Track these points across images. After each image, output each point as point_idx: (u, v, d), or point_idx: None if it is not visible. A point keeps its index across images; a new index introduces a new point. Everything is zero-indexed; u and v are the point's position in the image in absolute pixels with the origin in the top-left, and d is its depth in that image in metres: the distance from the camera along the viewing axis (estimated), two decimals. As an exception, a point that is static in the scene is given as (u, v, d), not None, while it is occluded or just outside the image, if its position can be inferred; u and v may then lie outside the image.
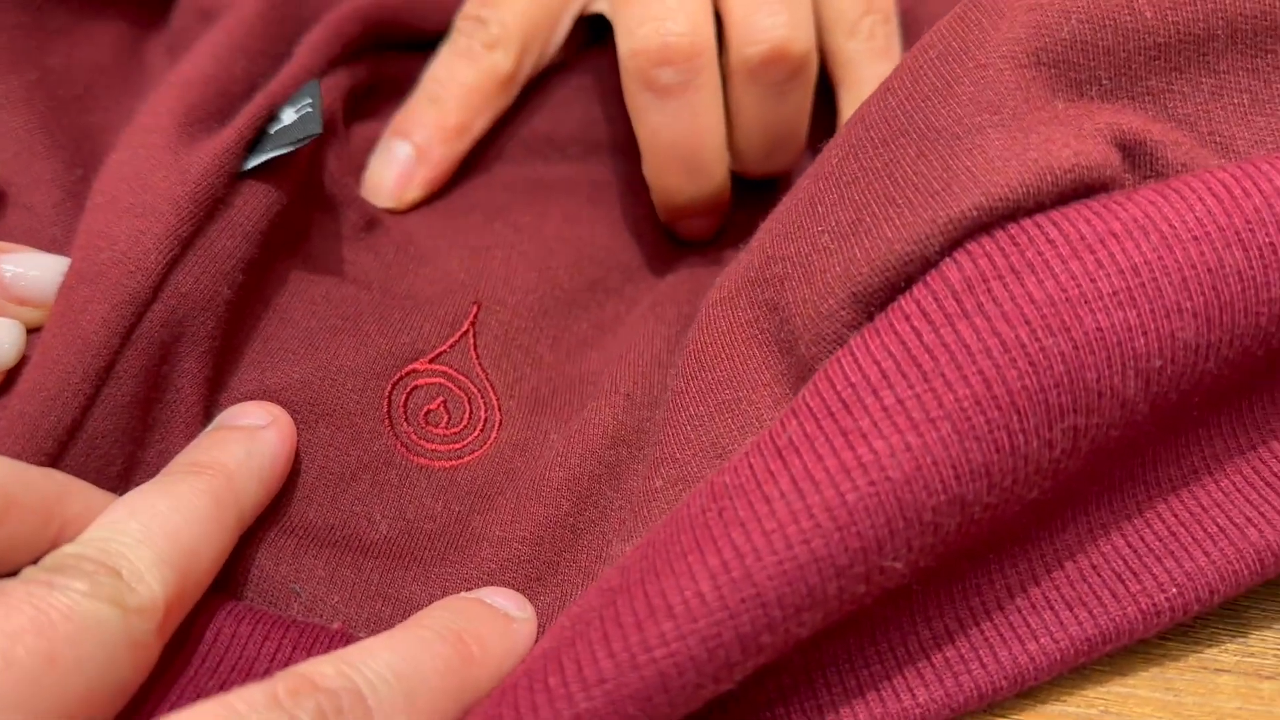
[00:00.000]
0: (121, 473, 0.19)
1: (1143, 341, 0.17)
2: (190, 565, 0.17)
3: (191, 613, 0.18)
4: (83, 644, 0.15)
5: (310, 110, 0.23)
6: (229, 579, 0.20)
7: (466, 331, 0.23)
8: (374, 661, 0.16)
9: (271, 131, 0.23)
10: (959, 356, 0.16)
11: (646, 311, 0.25)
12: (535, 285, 0.25)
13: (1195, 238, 0.17)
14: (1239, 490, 0.19)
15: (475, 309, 0.24)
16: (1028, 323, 0.16)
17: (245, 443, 0.20)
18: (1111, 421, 0.17)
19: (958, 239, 0.17)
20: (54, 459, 0.19)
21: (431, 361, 0.23)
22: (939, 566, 0.18)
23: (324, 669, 0.16)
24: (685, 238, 0.28)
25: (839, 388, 0.17)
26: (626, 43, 0.25)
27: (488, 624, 0.18)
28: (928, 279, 0.17)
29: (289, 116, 0.23)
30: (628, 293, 0.26)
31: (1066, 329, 0.16)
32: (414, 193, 0.26)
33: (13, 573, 0.16)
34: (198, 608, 0.18)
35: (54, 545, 0.17)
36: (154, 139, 0.21)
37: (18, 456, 0.18)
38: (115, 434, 0.19)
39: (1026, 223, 0.17)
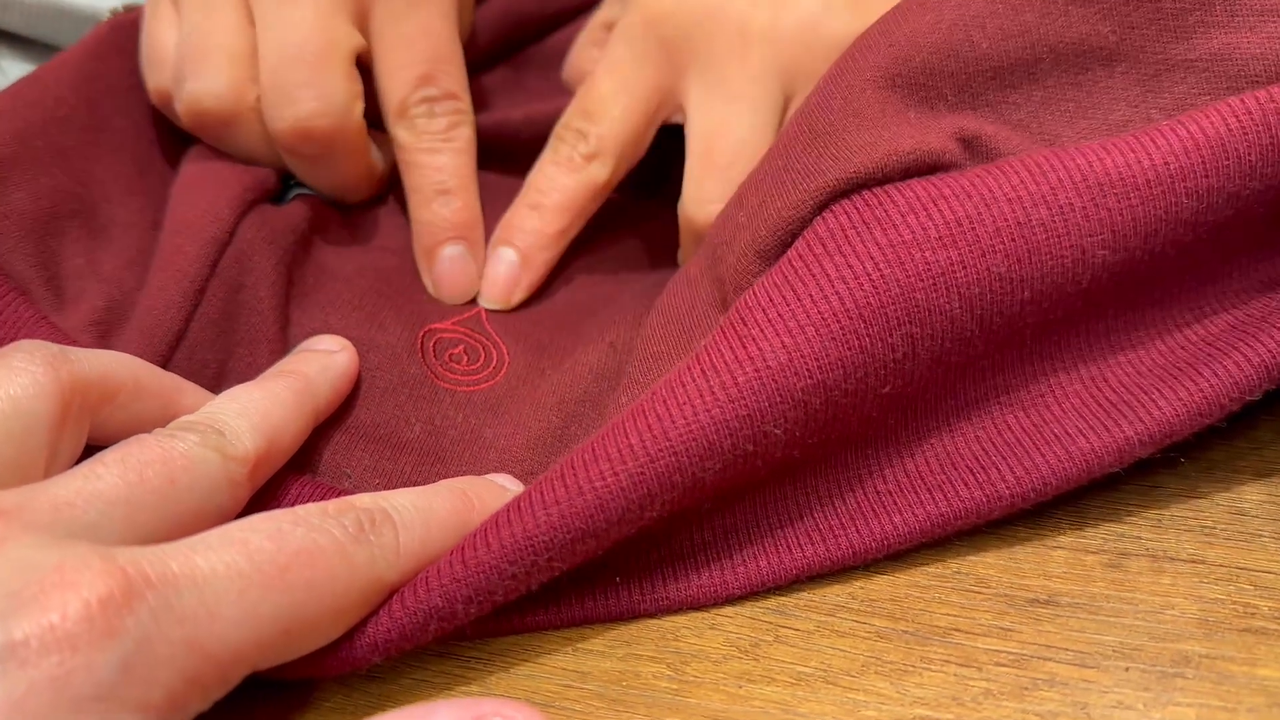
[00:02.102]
0: (215, 375, 0.26)
1: (963, 273, 0.22)
2: (275, 437, 0.23)
3: (274, 481, 0.24)
4: (193, 473, 0.21)
5: None
6: (299, 463, 0.26)
7: (478, 310, 0.31)
8: (399, 497, 0.22)
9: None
10: (822, 282, 0.22)
11: (637, 294, 0.32)
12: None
13: (1009, 199, 0.23)
14: (1075, 409, 0.24)
15: None
16: (872, 258, 0.22)
17: (322, 360, 0.26)
18: (943, 333, 0.23)
19: (824, 202, 0.23)
20: (165, 361, 0.26)
21: (453, 324, 0.30)
22: (824, 451, 0.24)
23: (362, 498, 0.22)
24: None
25: (740, 310, 0.23)
26: (692, 208, 0.30)
27: (486, 487, 0.24)
28: (804, 233, 0.23)
29: None
30: (621, 278, 0.33)
31: (901, 262, 0.22)
32: (519, 295, 0.31)
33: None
34: (279, 477, 0.24)
35: None
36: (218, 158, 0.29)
37: None
38: (209, 343, 0.26)
39: (876, 190, 0.23)
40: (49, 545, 0.17)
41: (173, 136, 0.32)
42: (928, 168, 0.23)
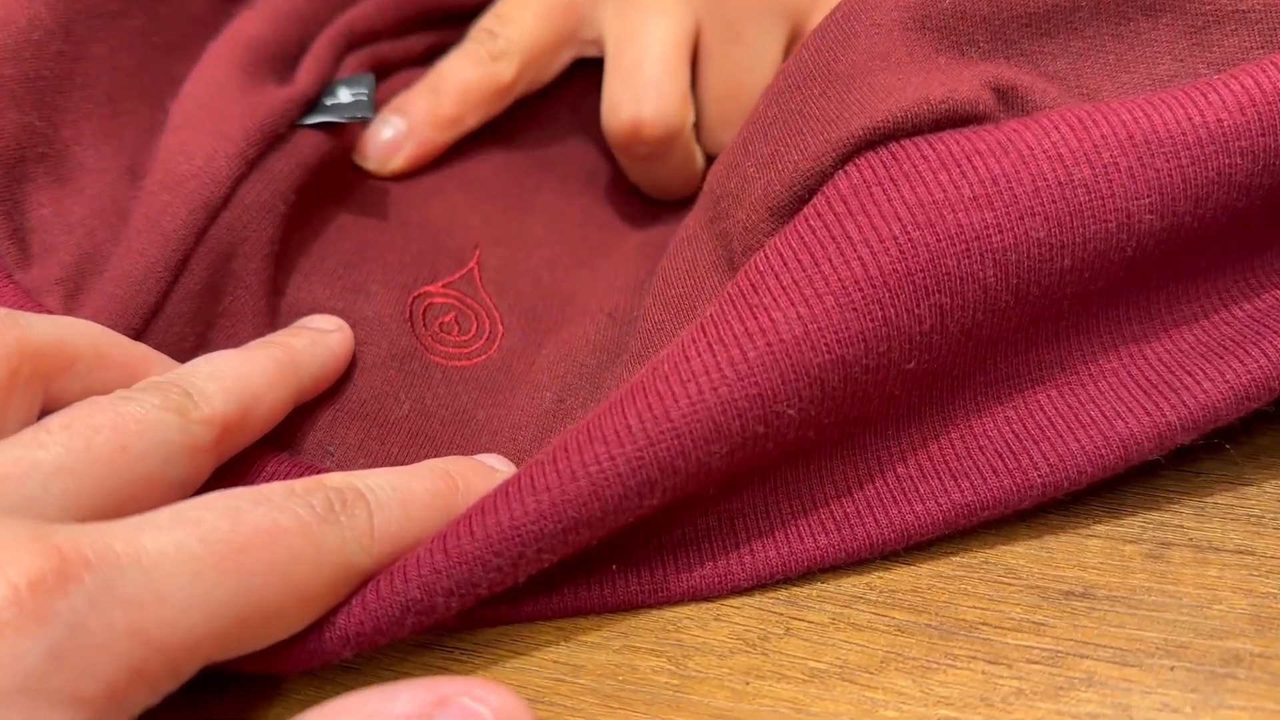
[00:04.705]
0: (192, 349, 0.24)
1: (999, 237, 0.20)
2: (250, 404, 0.21)
3: (249, 458, 0.22)
4: (149, 439, 0.19)
5: (364, 98, 0.29)
6: (279, 441, 0.24)
7: (472, 268, 0.28)
8: (375, 476, 0.20)
9: (328, 103, 0.28)
10: (843, 245, 0.20)
11: (634, 250, 0.30)
12: (535, 224, 0.30)
13: (1049, 156, 0.21)
14: (1113, 389, 0.23)
15: (478, 251, 0.29)
16: (899, 219, 0.20)
17: (312, 335, 0.24)
18: (975, 304, 0.21)
19: (848, 154, 0.21)
20: (138, 334, 0.24)
21: (444, 287, 0.28)
22: (841, 433, 0.22)
23: (334, 476, 0.20)
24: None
25: (750, 276, 0.21)
26: (607, 117, 0.30)
27: (472, 467, 0.22)
28: (824, 188, 0.21)
29: (344, 96, 0.29)
30: (619, 230, 0.31)
31: (931, 225, 0.20)
32: (397, 163, 0.30)
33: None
34: (254, 453, 0.23)
35: None
36: (225, 80, 0.26)
37: None
38: (188, 317, 0.24)
39: (905, 142, 0.21)
40: None
41: (152, 69, 0.29)
42: (960, 119, 0.21)
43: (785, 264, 0.20)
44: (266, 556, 0.17)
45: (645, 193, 0.32)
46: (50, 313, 0.23)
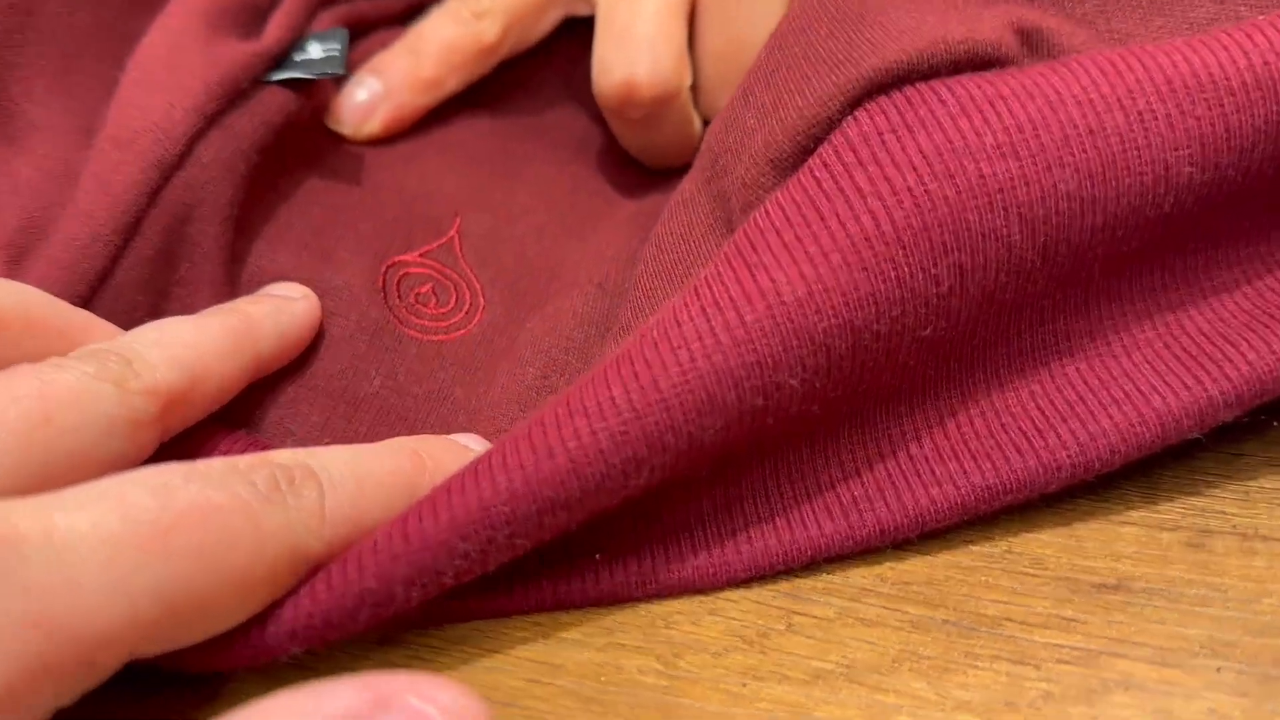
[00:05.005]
0: (144, 319, 0.22)
1: (1025, 190, 0.18)
2: (199, 373, 0.20)
3: (199, 436, 0.21)
4: (79, 410, 0.17)
5: (336, 54, 0.27)
6: (232, 416, 0.22)
7: (452, 236, 0.26)
8: (329, 453, 0.18)
9: (297, 59, 0.26)
10: (852, 199, 0.18)
11: (627, 218, 0.28)
12: (521, 192, 0.28)
13: (1079, 101, 0.19)
14: (1148, 361, 0.21)
15: (458, 219, 0.27)
16: (915, 170, 0.18)
17: (274, 304, 0.23)
18: (998, 264, 0.19)
19: (857, 99, 0.19)
20: (85, 302, 0.22)
21: (421, 256, 0.26)
22: (849, 408, 0.20)
23: (282, 453, 0.18)
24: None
25: (749, 233, 0.19)
26: (598, 79, 0.28)
27: (442, 446, 0.20)
28: (831, 137, 0.19)
29: (315, 51, 0.27)
30: (611, 198, 0.29)
31: (951, 175, 0.18)
32: (372, 126, 0.28)
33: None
34: (205, 430, 0.21)
35: None
36: (186, 32, 0.24)
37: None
38: (139, 284, 0.22)
39: (921, 85, 0.19)
40: None
41: (111, 25, 0.27)
42: (981, 62, 0.19)
43: (788, 219, 0.18)
44: (198, 538, 0.15)
45: (639, 159, 0.30)
46: None
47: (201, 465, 0.17)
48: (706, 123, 0.30)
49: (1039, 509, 0.20)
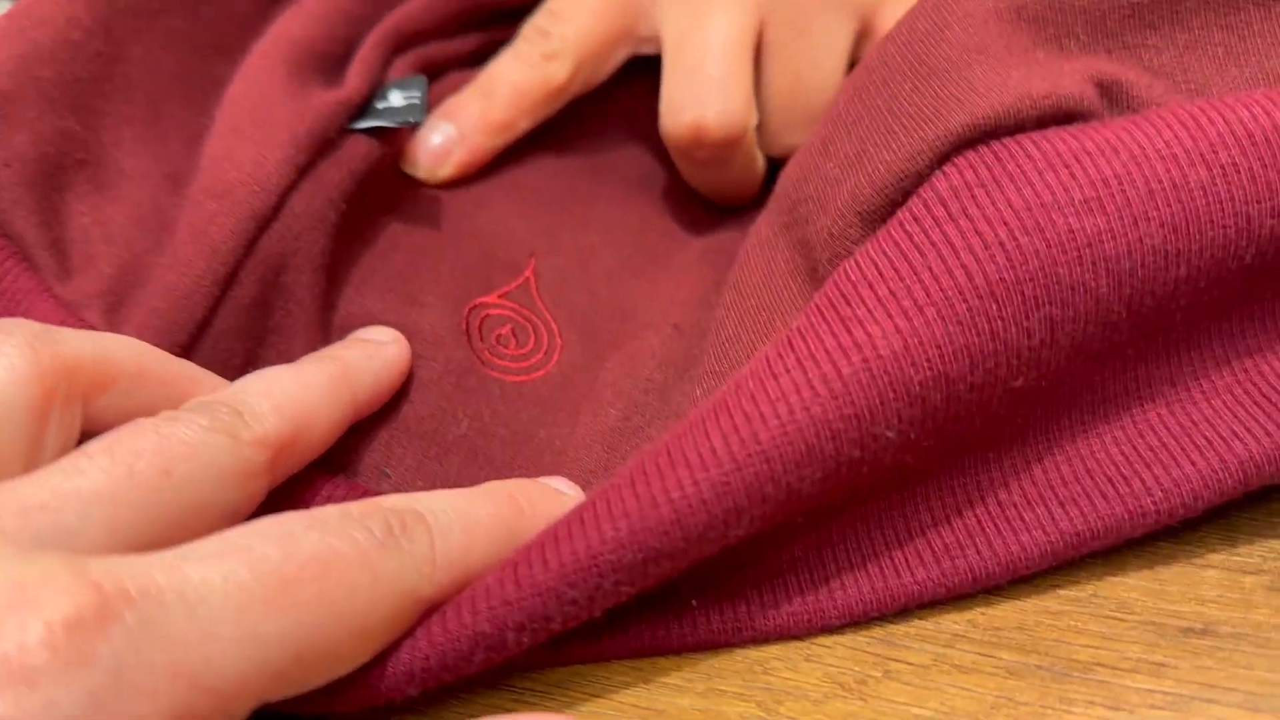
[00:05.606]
0: (242, 366, 0.23)
1: (1111, 244, 0.19)
2: (304, 422, 0.20)
3: (301, 482, 0.21)
4: (196, 462, 0.18)
5: (417, 102, 0.27)
6: (333, 463, 0.23)
7: (528, 277, 0.27)
8: (435, 499, 0.19)
9: (379, 106, 0.27)
10: (944, 253, 0.19)
11: (697, 256, 0.28)
12: (590, 233, 0.28)
13: (1162, 156, 0.19)
14: (1228, 408, 0.21)
15: (533, 260, 0.27)
16: (1005, 224, 0.19)
17: (367, 349, 0.23)
18: (1086, 316, 0.19)
19: (946, 154, 0.20)
20: (185, 350, 0.22)
21: (500, 298, 0.26)
22: (940, 457, 0.20)
23: (391, 498, 0.18)
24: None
25: (841, 286, 0.19)
26: (666, 119, 0.28)
27: (537, 490, 0.21)
28: (920, 191, 0.20)
29: (397, 99, 0.27)
30: (679, 237, 0.29)
31: (1040, 229, 0.19)
32: (447, 170, 0.29)
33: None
34: (307, 477, 0.21)
35: None
36: (271, 81, 0.25)
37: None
38: (238, 331, 0.23)
39: (1008, 140, 0.19)
40: (11, 557, 0.15)
41: (194, 71, 0.28)
42: (1064, 116, 0.20)
43: (880, 273, 0.19)
44: (321, 587, 0.16)
45: (705, 196, 0.30)
46: (91, 328, 0.22)
47: (319, 514, 0.17)
48: (770, 160, 0.30)
49: (1121, 551, 0.21)
